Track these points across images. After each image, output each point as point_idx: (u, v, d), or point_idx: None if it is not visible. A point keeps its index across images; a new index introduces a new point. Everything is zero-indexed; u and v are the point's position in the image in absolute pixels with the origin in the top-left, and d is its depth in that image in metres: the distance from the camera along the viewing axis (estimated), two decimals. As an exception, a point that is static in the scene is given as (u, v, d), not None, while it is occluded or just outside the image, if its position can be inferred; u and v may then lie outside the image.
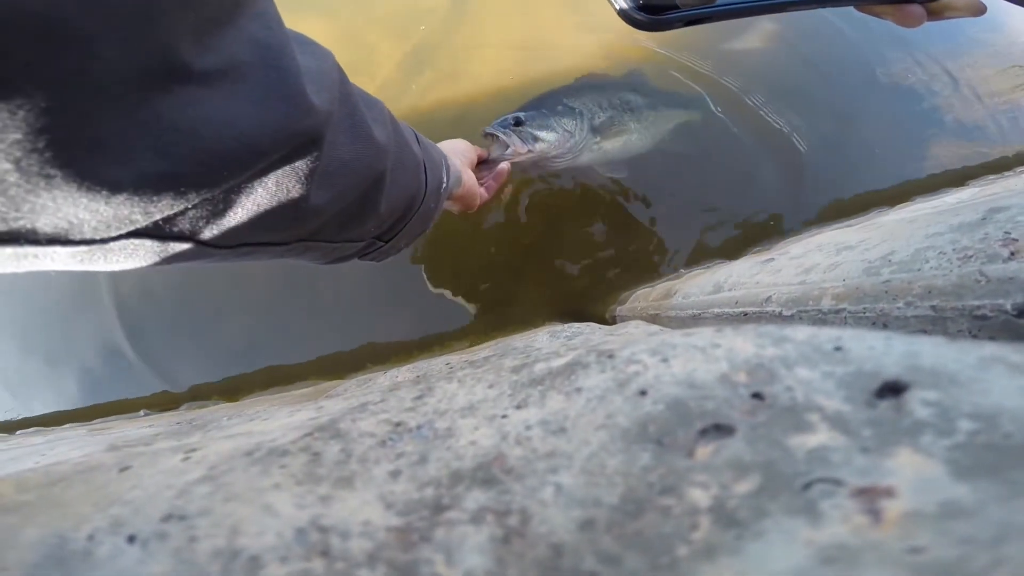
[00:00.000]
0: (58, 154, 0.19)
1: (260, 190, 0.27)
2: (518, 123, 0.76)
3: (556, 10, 1.08)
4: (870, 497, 0.13)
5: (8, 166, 0.18)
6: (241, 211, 0.27)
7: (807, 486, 0.13)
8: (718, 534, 0.13)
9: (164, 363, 0.88)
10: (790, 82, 1.04)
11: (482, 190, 0.67)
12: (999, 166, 0.98)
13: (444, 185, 0.50)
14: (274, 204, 0.28)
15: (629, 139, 0.88)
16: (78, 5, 0.17)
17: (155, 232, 0.24)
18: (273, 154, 0.26)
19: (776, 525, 0.12)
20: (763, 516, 0.13)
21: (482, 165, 0.71)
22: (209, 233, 0.27)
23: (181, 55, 0.21)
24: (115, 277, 0.90)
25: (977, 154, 1.01)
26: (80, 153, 0.19)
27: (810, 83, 1.05)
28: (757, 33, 1.09)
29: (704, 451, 0.15)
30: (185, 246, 0.26)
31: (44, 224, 0.20)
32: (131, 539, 0.17)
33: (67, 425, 0.87)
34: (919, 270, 0.44)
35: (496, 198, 0.76)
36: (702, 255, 0.91)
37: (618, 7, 0.43)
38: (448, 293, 0.89)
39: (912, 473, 0.13)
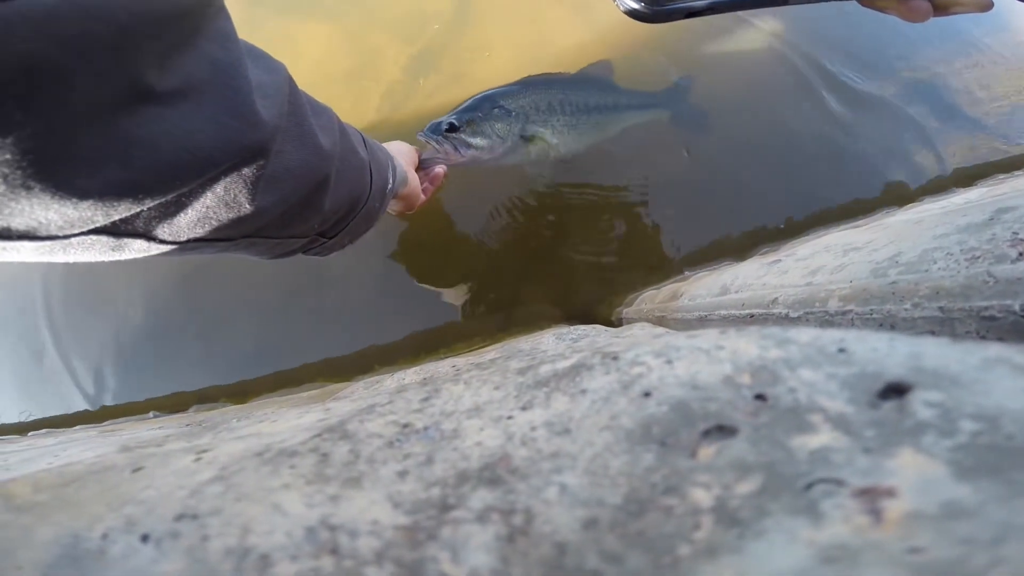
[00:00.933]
0: (39, 169, 0.21)
1: (209, 195, 0.30)
2: (451, 128, 0.76)
3: (560, 12, 1.08)
4: (871, 497, 0.13)
5: None
6: (191, 212, 0.30)
7: (809, 486, 0.13)
8: (720, 534, 0.13)
9: (173, 365, 0.89)
10: (794, 81, 1.04)
11: (420, 194, 0.70)
12: (1008, 165, 0.97)
13: (390, 186, 0.53)
14: (221, 207, 0.31)
15: (560, 143, 0.87)
16: (60, 46, 0.20)
17: (111, 230, 0.27)
18: (223, 164, 0.29)
19: (777, 525, 0.13)
20: (764, 516, 0.13)
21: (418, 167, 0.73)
22: (160, 231, 0.29)
23: (146, 79, 0.24)
24: (126, 281, 0.91)
25: (985, 153, 1.00)
26: (57, 167, 0.22)
27: (814, 82, 1.04)
28: (760, 31, 1.09)
29: (707, 452, 0.15)
30: (137, 242, 0.29)
31: (17, 223, 0.23)
32: (144, 538, 0.18)
33: (78, 427, 0.88)
34: (926, 271, 0.44)
35: (430, 200, 0.77)
36: (708, 257, 0.91)
37: (624, 8, 0.44)
38: (454, 295, 0.89)
39: (914, 474, 0.13)
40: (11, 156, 0.20)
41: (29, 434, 0.88)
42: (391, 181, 0.53)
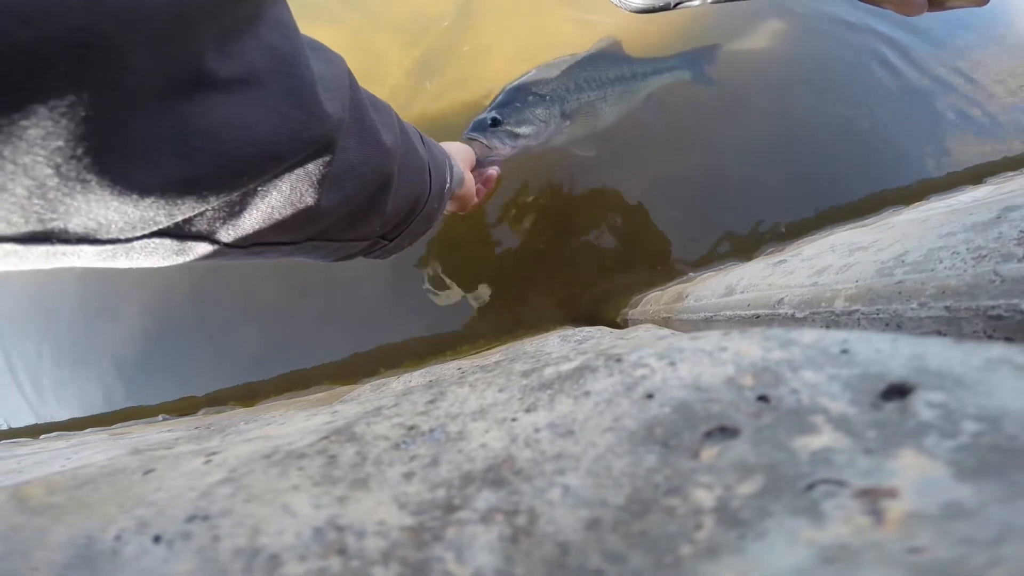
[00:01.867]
0: (94, 160, 0.20)
1: (275, 193, 0.28)
2: (495, 123, 0.77)
3: (562, 13, 1.09)
4: (872, 498, 0.13)
5: (49, 171, 0.19)
6: (256, 213, 0.28)
7: (810, 487, 0.14)
8: (721, 534, 0.13)
9: (182, 369, 0.90)
10: (800, 80, 1.04)
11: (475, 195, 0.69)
12: (1016, 163, 0.96)
13: (447, 185, 0.51)
14: (287, 206, 0.29)
15: (598, 117, 0.89)
16: (114, 19, 0.18)
17: (175, 232, 0.25)
18: (288, 159, 0.27)
19: (778, 525, 0.13)
20: (766, 516, 0.13)
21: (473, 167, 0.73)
22: (225, 233, 0.28)
23: (205, 63, 0.22)
24: (136, 285, 0.92)
25: (994, 151, 0.99)
26: (113, 159, 0.20)
27: (820, 82, 1.04)
28: (765, 30, 1.09)
29: (709, 453, 0.15)
30: (201, 245, 0.27)
31: (76, 225, 0.21)
32: (156, 539, 0.18)
33: (89, 430, 0.89)
34: (932, 270, 0.44)
35: (485, 202, 0.78)
36: (713, 257, 0.91)
37: (626, 8, 0.45)
38: (460, 298, 0.90)
39: (915, 474, 0.13)
40: (64, 143, 0.19)
41: (41, 437, 0.89)
42: (449, 181, 0.52)
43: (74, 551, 0.19)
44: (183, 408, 0.89)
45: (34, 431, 0.91)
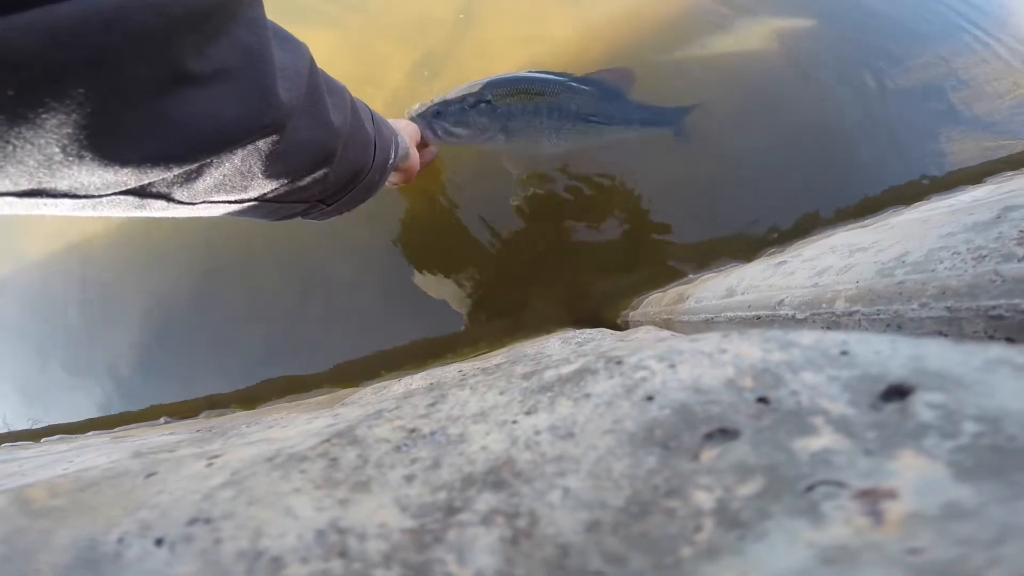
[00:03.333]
0: (91, 141, 0.25)
1: (227, 164, 0.33)
2: (438, 115, 0.80)
3: (562, 16, 1.09)
4: (872, 499, 0.13)
5: (57, 150, 0.24)
6: (209, 179, 0.33)
7: (810, 488, 0.14)
8: (721, 535, 0.13)
9: (184, 371, 0.90)
10: (799, 80, 1.04)
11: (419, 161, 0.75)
12: (1016, 162, 0.96)
13: (391, 160, 0.57)
14: (236, 175, 0.35)
15: (539, 146, 0.88)
16: (124, 38, 0.23)
17: (138, 191, 0.30)
18: (244, 140, 0.32)
19: (778, 526, 0.13)
20: (766, 517, 0.13)
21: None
22: (178, 193, 0.33)
23: (186, 65, 0.27)
24: (138, 288, 0.92)
25: (994, 149, 0.99)
26: (106, 140, 0.25)
27: (819, 81, 1.04)
28: (760, 33, 1.09)
29: (709, 455, 0.16)
30: (158, 202, 0.32)
31: (63, 185, 0.26)
32: (159, 542, 0.18)
33: (90, 433, 0.89)
34: (933, 271, 0.44)
35: (424, 174, 0.81)
36: (714, 259, 0.91)
37: None
38: (461, 300, 0.90)
39: (915, 475, 0.14)
40: (72, 130, 0.23)
41: (43, 440, 0.89)
42: (393, 156, 0.57)
43: (77, 553, 0.19)
44: (184, 411, 0.89)
45: (35, 434, 0.91)
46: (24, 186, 0.25)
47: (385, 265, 0.91)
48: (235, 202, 0.38)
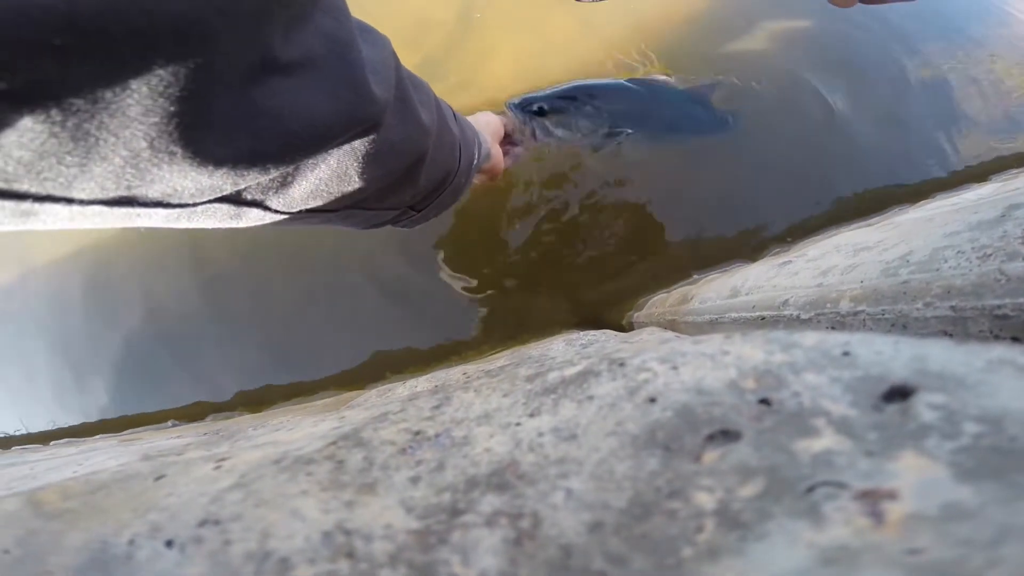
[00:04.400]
0: (182, 134, 0.22)
1: (323, 167, 0.31)
2: (540, 113, 0.75)
3: (562, 17, 1.09)
4: (873, 500, 0.13)
5: (144, 144, 0.21)
6: (305, 183, 0.31)
7: (810, 489, 0.14)
8: (722, 536, 0.13)
9: (190, 375, 0.91)
10: (802, 79, 1.03)
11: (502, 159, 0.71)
12: (1020, 160, 0.96)
13: (475, 161, 0.54)
14: (332, 178, 0.32)
15: (626, 150, 0.88)
16: (210, 6, 0.20)
17: (235, 198, 0.28)
18: (340, 137, 0.30)
19: (779, 527, 0.13)
20: (767, 518, 0.13)
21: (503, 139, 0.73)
22: (275, 200, 0.30)
23: (273, 49, 0.24)
24: (144, 292, 0.93)
25: (998, 148, 0.99)
26: (197, 134, 0.22)
27: (824, 80, 1.04)
28: (764, 33, 1.08)
29: (711, 456, 0.16)
30: (254, 211, 0.30)
31: (155, 191, 0.24)
32: (169, 543, 0.18)
33: (98, 436, 0.90)
34: (937, 270, 0.43)
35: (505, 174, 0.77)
36: (718, 259, 0.91)
37: None
38: (466, 302, 0.90)
39: (915, 476, 0.14)
40: (159, 119, 0.21)
41: (51, 443, 0.90)
42: (476, 157, 0.54)
43: (89, 555, 0.20)
44: (191, 414, 0.89)
45: (44, 437, 0.92)
46: (112, 192, 0.22)
47: (389, 267, 0.92)
48: (331, 211, 0.36)
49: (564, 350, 0.64)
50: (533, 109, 0.75)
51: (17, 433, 0.93)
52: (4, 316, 0.98)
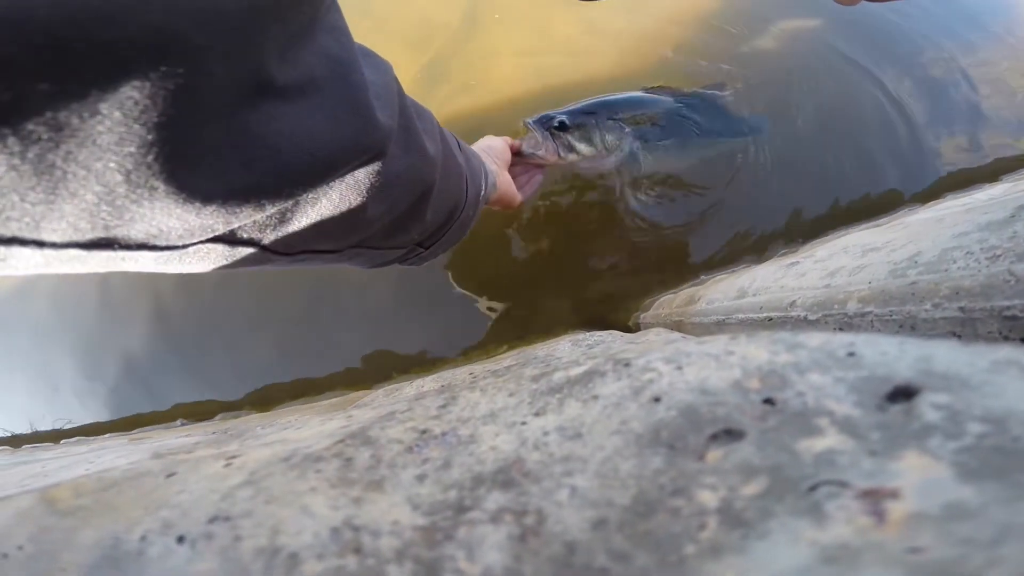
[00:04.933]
0: (163, 167, 0.19)
1: (324, 201, 0.28)
2: (562, 127, 0.72)
3: (567, 18, 1.09)
4: (875, 499, 0.13)
5: (120, 177, 0.19)
6: (305, 220, 0.28)
7: (813, 488, 0.14)
8: (725, 534, 0.13)
9: (199, 375, 0.92)
10: (815, 81, 1.03)
11: (518, 193, 0.66)
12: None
13: (483, 193, 0.51)
14: (335, 214, 0.29)
15: (654, 166, 0.85)
16: (191, 21, 0.18)
17: (228, 238, 0.25)
18: (342, 168, 0.27)
19: (781, 526, 0.13)
20: (769, 517, 0.13)
21: (516, 158, 0.70)
22: (272, 240, 0.28)
23: (269, 70, 0.22)
24: (154, 293, 0.94)
25: (1011, 147, 0.98)
26: (181, 166, 0.20)
27: (834, 83, 1.03)
28: (777, 32, 1.08)
29: (714, 455, 0.16)
30: (250, 251, 0.27)
31: (137, 231, 0.21)
32: (180, 539, 0.19)
33: (108, 435, 0.91)
34: (946, 271, 0.43)
35: (527, 201, 0.75)
36: (726, 260, 0.91)
37: None
38: (472, 304, 0.90)
39: (918, 475, 0.14)
40: (135, 149, 0.18)
41: (62, 442, 0.91)
42: (484, 188, 0.51)
43: (101, 552, 0.20)
44: (200, 413, 0.90)
45: (55, 436, 0.93)
46: (88, 233, 0.20)
47: (396, 269, 0.92)
48: (334, 251, 0.34)
49: (570, 350, 0.64)
50: (554, 124, 0.72)
51: (27, 432, 0.95)
52: (16, 317, 0.99)
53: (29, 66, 0.15)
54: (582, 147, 0.74)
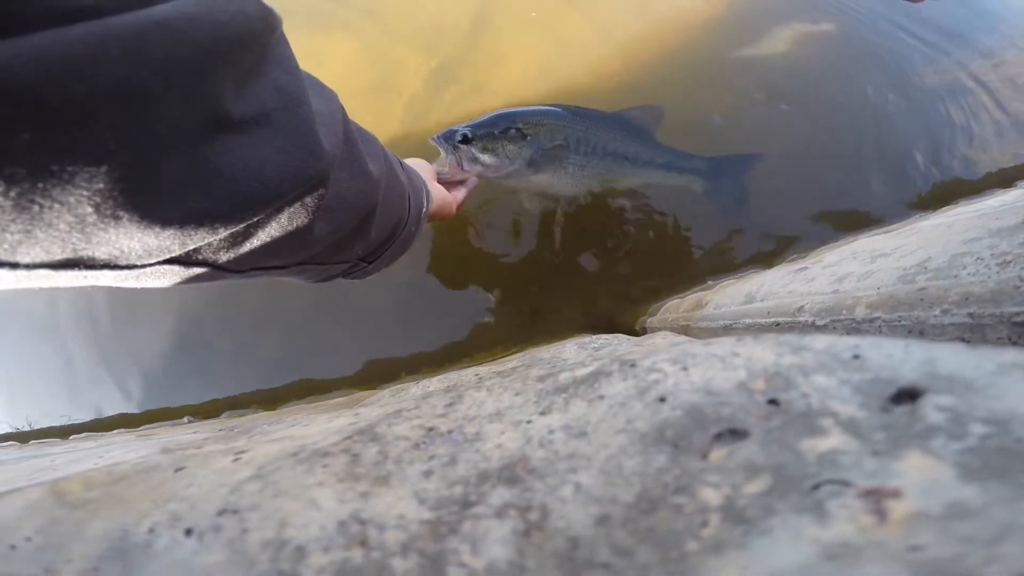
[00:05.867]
0: (128, 199, 0.22)
1: (274, 224, 0.30)
2: (465, 140, 0.76)
3: (574, 21, 1.09)
4: (877, 498, 0.13)
5: (90, 209, 0.21)
6: (256, 241, 0.30)
7: (816, 487, 0.14)
8: (727, 531, 0.13)
9: (207, 372, 0.92)
10: (821, 83, 1.03)
11: (454, 194, 0.71)
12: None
13: (424, 209, 0.53)
14: (283, 235, 0.31)
15: (566, 181, 0.86)
16: (149, 70, 0.20)
17: (184, 259, 0.27)
18: (290, 194, 0.29)
19: (783, 523, 0.13)
20: (771, 515, 0.13)
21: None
22: (225, 259, 0.30)
23: (224, 105, 0.24)
24: (163, 291, 0.95)
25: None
26: (144, 197, 0.22)
27: (842, 85, 1.03)
28: (787, 36, 1.08)
29: (718, 454, 0.16)
30: (203, 270, 0.29)
31: (101, 253, 0.23)
32: (188, 532, 0.19)
33: (116, 431, 0.91)
34: (956, 277, 0.43)
35: (462, 208, 0.77)
36: (733, 265, 0.90)
37: None
38: (478, 306, 0.91)
39: (920, 475, 0.14)
40: (104, 186, 0.20)
41: (71, 437, 0.92)
42: (425, 205, 0.54)
43: (109, 544, 0.20)
44: (207, 411, 0.91)
45: (63, 432, 0.94)
46: (58, 255, 0.22)
47: (401, 271, 0.92)
48: (282, 267, 0.36)
49: (576, 352, 0.64)
50: (457, 139, 0.76)
51: (35, 427, 0.96)
52: (21, 315, 1.00)
53: (12, 118, 0.17)
54: (484, 157, 0.77)
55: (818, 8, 1.11)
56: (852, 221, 0.92)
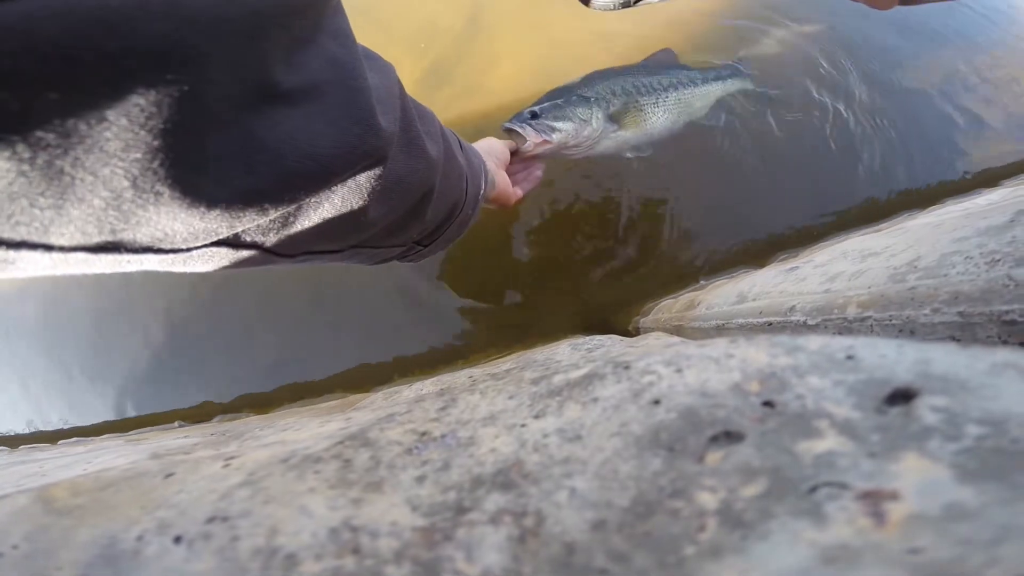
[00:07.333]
0: (169, 172, 0.20)
1: (327, 205, 0.28)
2: (534, 116, 0.77)
3: (568, 21, 1.10)
4: (874, 500, 0.13)
5: (126, 183, 0.19)
6: (307, 223, 0.28)
7: (813, 489, 0.14)
8: (724, 535, 0.13)
9: (198, 376, 0.92)
10: (814, 83, 1.03)
11: (516, 190, 0.68)
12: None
13: (482, 191, 0.51)
14: (337, 217, 0.30)
15: (648, 121, 0.87)
16: (194, 28, 0.18)
17: (233, 242, 0.26)
18: (344, 173, 0.27)
19: (781, 526, 0.13)
20: (769, 518, 0.13)
21: (514, 157, 0.73)
22: (276, 242, 0.28)
23: (273, 74, 0.22)
24: (153, 294, 0.94)
25: (1011, 152, 0.98)
26: (187, 171, 0.20)
27: (838, 84, 1.03)
28: (779, 37, 1.09)
29: (714, 457, 0.16)
30: (252, 253, 0.28)
31: (143, 235, 0.21)
32: (177, 539, 0.19)
33: (105, 436, 0.90)
34: (945, 275, 0.43)
35: (523, 199, 0.77)
36: (725, 265, 0.91)
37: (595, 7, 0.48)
38: (472, 308, 0.90)
39: (917, 477, 0.14)
40: (141, 155, 0.19)
41: (59, 442, 0.91)
42: (483, 187, 0.52)
43: (97, 551, 0.20)
44: (198, 415, 0.90)
45: (52, 436, 0.93)
46: (95, 237, 0.20)
47: (394, 272, 0.92)
48: (334, 252, 0.34)
49: (570, 354, 0.64)
50: (527, 116, 0.77)
51: (25, 432, 0.94)
52: (13, 318, 0.99)
53: (38, 76, 0.16)
54: (561, 124, 0.78)
55: (807, 10, 1.12)
56: (842, 220, 0.93)
